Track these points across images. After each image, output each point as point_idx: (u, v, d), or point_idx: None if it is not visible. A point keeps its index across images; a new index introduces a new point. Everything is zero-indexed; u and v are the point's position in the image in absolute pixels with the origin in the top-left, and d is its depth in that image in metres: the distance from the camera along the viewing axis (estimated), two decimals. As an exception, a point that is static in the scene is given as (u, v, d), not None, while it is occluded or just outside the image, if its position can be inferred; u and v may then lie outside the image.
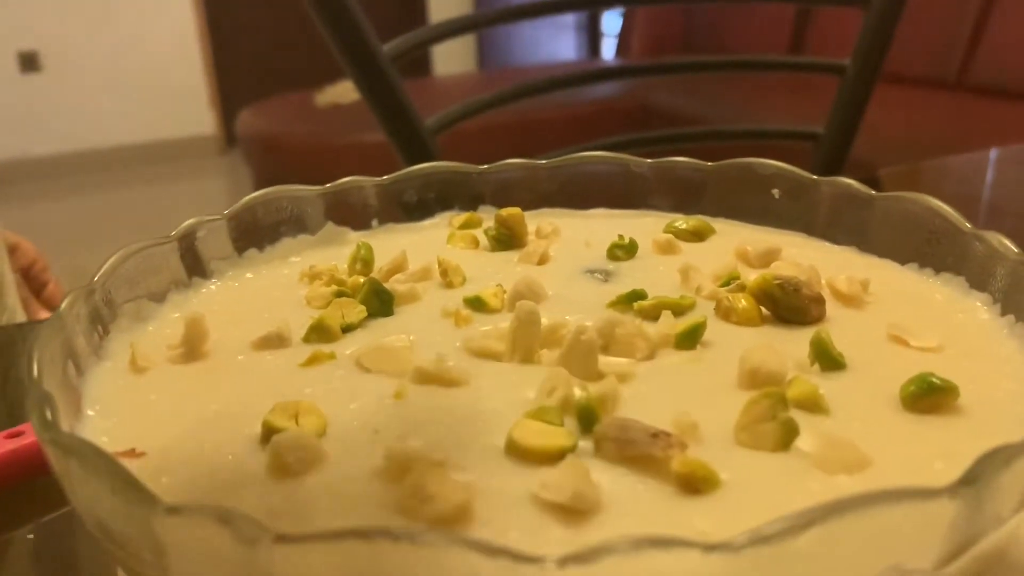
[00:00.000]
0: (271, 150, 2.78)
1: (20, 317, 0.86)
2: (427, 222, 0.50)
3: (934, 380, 0.29)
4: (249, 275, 0.43)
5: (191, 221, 0.42)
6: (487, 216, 0.50)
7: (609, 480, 0.26)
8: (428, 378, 0.32)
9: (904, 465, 0.26)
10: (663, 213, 0.50)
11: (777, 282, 0.35)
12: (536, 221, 0.48)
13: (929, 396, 0.29)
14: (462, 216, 0.50)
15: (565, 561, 0.19)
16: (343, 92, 2.82)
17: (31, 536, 0.43)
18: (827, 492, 0.25)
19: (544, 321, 0.34)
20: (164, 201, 3.32)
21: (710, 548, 0.19)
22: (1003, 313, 0.35)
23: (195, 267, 0.42)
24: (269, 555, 0.20)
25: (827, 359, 0.32)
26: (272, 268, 0.44)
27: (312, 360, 0.34)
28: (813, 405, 0.29)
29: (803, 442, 0.27)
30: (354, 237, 0.48)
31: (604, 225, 0.49)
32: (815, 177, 0.45)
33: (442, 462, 0.26)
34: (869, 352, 0.33)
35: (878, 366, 0.32)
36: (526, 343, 0.33)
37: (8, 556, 0.43)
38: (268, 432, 0.29)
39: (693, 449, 0.27)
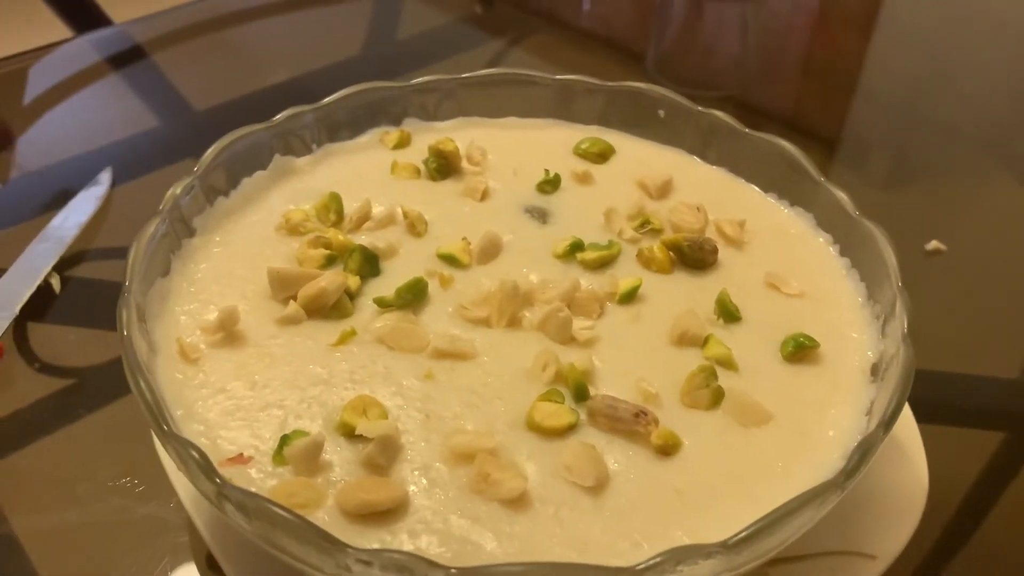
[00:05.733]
0: None
1: None
2: (361, 139, 0.55)
3: (802, 340, 0.42)
4: (229, 225, 0.48)
5: (173, 190, 0.45)
6: (415, 130, 0.56)
7: (607, 447, 0.37)
8: (445, 354, 0.41)
9: (793, 415, 0.39)
10: (566, 122, 0.58)
11: (687, 243, 0.46)
12: (458, 135, 0.55)
13: (800, 351, 0.42)
14: (393, 135, 0.55)
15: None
16: None
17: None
18: (749, 444, 0.38)
19: (518, 284, 0.43)
20: None
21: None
22: (842, 254, 0.48)
23: (183, 230, 0.46)
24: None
25: (728, 314, 0.44)
26: (245, 216, 0.49)
27: (341, 340, 0.41)
28: (728, 364, 0.41)
29: (726, 402, 0.40)
30: (301, 164, 0.53)
31: (520, 141, 0.56)
32: (699, 108, 0.54)
33: (495, 449, 0.37)
34: (754, 301, 0.45)
35: (762, 315, 0.44)
36: (511, 311, 0.43)
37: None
38: (347, 429, 0.37)
39: (656, 413, 0.39)
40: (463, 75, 0.55)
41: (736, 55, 1.00)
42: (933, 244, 0.65)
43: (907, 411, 0.47)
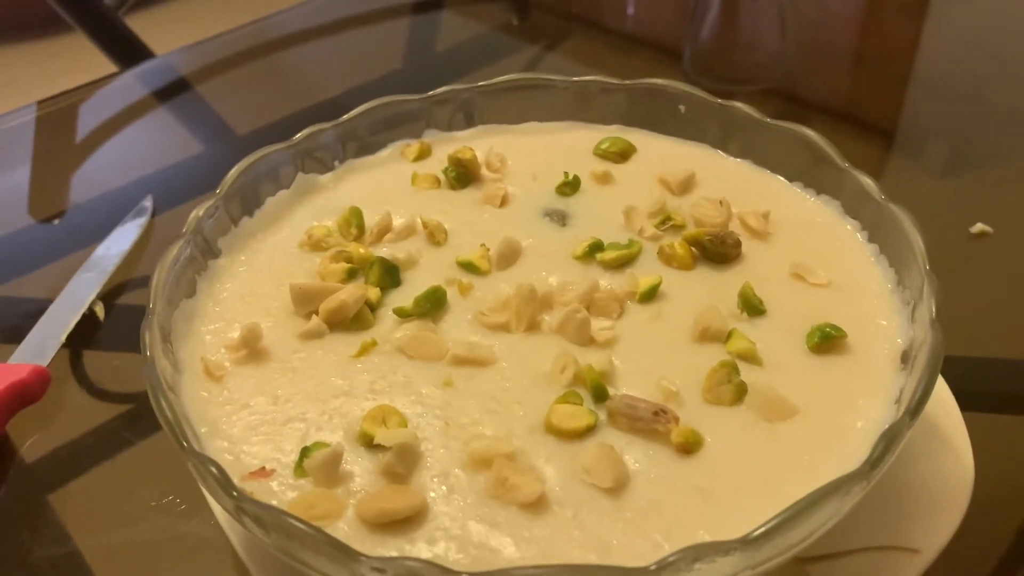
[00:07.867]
0: None
1: None
2: (383, 154, 0.56)
3: (829, 331, 0.41)
4: (254, 245, 0.49)
5: (197, 212, 0.46)
6: (435, 141, 0.56)
7: (627, 447, 0.37)
8: (464, 361, 0.41)
9: (819, 408, 0.38)
10: (587, 124, 0.57)
11: (708, 237, 0.45)
12: (478, 143, 0.55)
13: (827, 342, 0.41)
14: (414, 147, 0.55)
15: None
16: None
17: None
18: (774, 439, 0.37)
19: (536, 287, 0.43)
20: None
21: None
22: (870, 240, 0.47)
23: (207, 251, 0.47)
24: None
25: (752, 308, 0.43)
26: (269, 235, 0.49)
27: (362, 351, 0.42)
28: (751, 358, 0.40)
29: (750, 397, 0.39)
30: (323, 181, 0.53)
31: (540, 145, 0.56)
32: (720, 102, 0.53)
33: (513, 454, 0.36)
34: (778, 292, 0.44)
35: (788, 307, 0.43)
36: (529, 314, 0.42)
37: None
38: (367, 439, 0.37)
39: (678, 412, 0.38)
40: (480, 84, 0.55)
41: (775, 48, 0.98)
42: (978, 227, 0.62)
43: (950, 399, 0.46)
